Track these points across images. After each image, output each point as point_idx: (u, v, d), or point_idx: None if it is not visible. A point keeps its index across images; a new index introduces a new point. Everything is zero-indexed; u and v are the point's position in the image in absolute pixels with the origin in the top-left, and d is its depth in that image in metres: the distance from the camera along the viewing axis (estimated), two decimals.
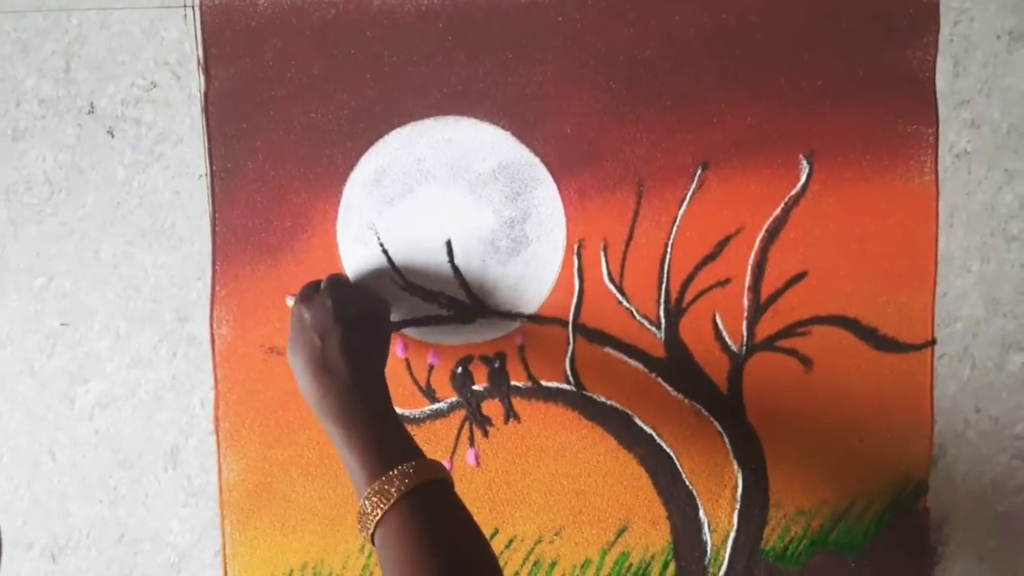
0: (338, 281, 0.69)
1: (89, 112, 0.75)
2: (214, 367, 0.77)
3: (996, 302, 0.77)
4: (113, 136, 0.75)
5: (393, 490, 0.56)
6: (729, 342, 0.77)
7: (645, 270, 0.76)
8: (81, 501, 0.78)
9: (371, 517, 0.56)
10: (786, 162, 0.75)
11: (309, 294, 0.67)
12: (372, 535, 0.57)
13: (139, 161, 0.75)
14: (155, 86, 0.74)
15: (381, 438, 0.61)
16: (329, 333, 0.64)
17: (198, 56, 0.74)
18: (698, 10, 0.74)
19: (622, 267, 0.76)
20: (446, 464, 0.76)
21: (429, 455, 0.61)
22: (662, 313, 0.77)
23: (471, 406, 0.78)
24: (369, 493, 0.57)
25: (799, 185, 0.75)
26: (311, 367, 0.63)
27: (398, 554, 0.54)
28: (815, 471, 0.78)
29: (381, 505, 0.56)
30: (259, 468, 0.78)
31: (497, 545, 0.79)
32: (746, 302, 0.76)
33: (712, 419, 0.78)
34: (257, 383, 0.77)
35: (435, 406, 0.78)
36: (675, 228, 0.76)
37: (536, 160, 0.75)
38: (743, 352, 0.77)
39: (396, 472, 0.57)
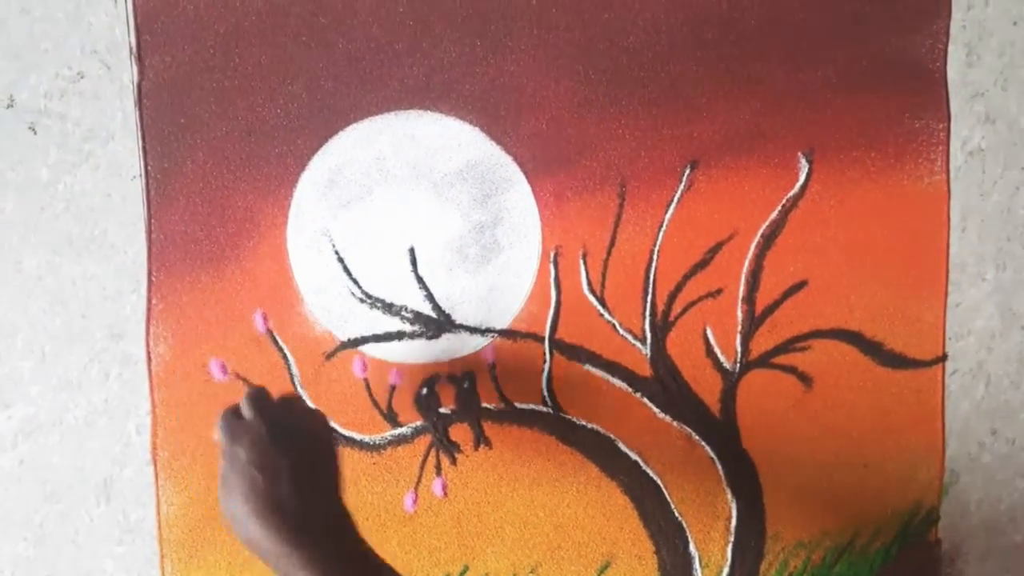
0: (263, 399, 0.62)
1: (8, 106, 0.70)
2: (151, 389, 0.73)
3: (1013, 313, 0.76)
4: (35, 133, 0.71)
5: None
6: (721, 359, 0.74)
7: (629, 280, 0.73)
8: (3, 539, 0.74)
9: None
10: (783, 161, 0.73)
11: (234, 425, 0.60)
12: None
13: (65, 161, 0.71)
14: (82, 77, 0.70)
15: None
16: (273, 467, 0.57)
17: (130, 43, 0.70)
18: None
19: (603, 276, 0.73)
20: (410, 496, 0.71)
21: (391, 485, 0.60)
22: (648, 327, 0.74)
23: (438, 431, 0.75)
24: None
25: (797, 186, 0.73)
26: (258, 510, 0.55)
27: None
28: (816, 500, 0.76)
29: None
30: (202, 501, 0.74)
31: None
32: (740, 315, 0.74)
33: (703, 443, 0.76)
34: (199, 407, 0.73)
35: (398, 431, 0.75)
36: (661, 233, 0.73)
37: (508, 159, 0.72)
38: (737, 369, 0.75)
39: None
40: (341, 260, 0.72)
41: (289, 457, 0.58)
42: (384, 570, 0.56)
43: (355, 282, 0.73)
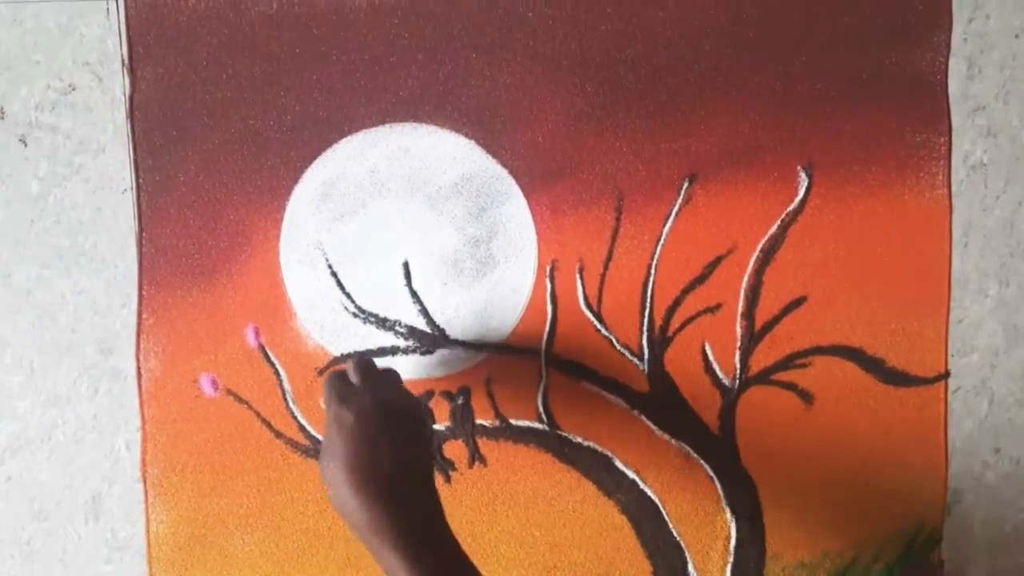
0: (372, 370, 0.63)
1: None
2: (141, 405, 0.72)
3: (1016, 330, 0.74)
4: (26, 145, 0.70)
5: None
6: (720, 375, 0.73)
7: (626, 295, 0.72)
8: None
9: None
10: (782, 175, 0.72)
11: (343, 389, 0.61)
12: None
13: (56, 173, 0.70)
14: (74, 89, 0.69)
15: (451, 570, 0.56)
16: (379, 439, 0.57)
17: (122, 55, 0.69)
18: (684, 5, 0.70)
19: (600, 291, 0.72)
20: None
21: None
22: (645, 343, 0.73)
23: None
24: None
25: (797, 200, 0.72)
26: (356, 480, 0.56)
27: None
28: (817, 519, 0.75)
29: None
30: (192, 519, 0.73)
31: None
32: (739, 330, 0.73)
33: (702, 461, 0.74)
34: (189, 423, 0.72)
35: None
36: (659, 248, 0.72)
37: (503, 172, 0.71)
38: (736, 386, 0.74)
39: None
40: (334, 274, 0.71)
41: (391, 431, 0.58)
42: (467, 569, 0.56)
43: (348, 296, 0.72)
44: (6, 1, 0.68)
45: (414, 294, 0.72)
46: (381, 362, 0.71)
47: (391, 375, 0.66)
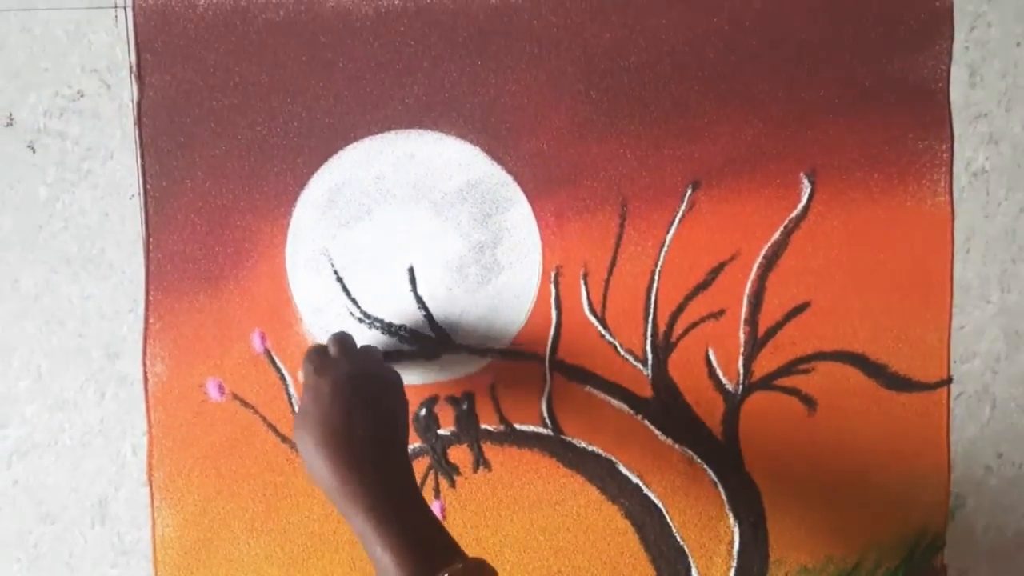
0: (350, 343, 0.66)
1: (7, 125, 0.70)
2: (147, 410, 0.72)
3: (1018, 336, 0.74)
4: (35, 151, 0.70)
5: None
6: (724, 380, 0.73)
7: (630, 300, 0.72)
8: None
9: None
10: (786, 181, 0.72)
11: (320, 361, 0.63)
12: None
13: (64, 179, 0.70)
14: (82, 96, 0.70)
15: (421, 533, 0.56)
16: (353, 407, 0.59)
17: (130, 62, 0.69)
18: (688, 13, 0.70)
19: (604, 297, 0.72)
20: None
21: None
22: (649, 348, 0.73)
23: (436, 453, 0.74)
24: None
25: (800, 206, 0.72)
26: (330, 445, 0.58)
27: None
28: (820, 524, 0.75)
29: None
30: (198, 523, 0.73)
31: None
32: (742, 336, 0.73)
33: (705, 466, 0.74)
34: (196, 427, 0.72)
35: None
36: (663, 254, 0.72)
37: (508, 178, 0.71)
38: (739, 392, 0.74)
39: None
40: (340, 280, 0.72)
41: (366, 399, 0.60)
42: (439, 534, 0.57)
43: (354, 302, 0.72)
44: (15, 9, 0.68)
45: (419, 299, 0.72)
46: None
47: (370, 350, 0.67)
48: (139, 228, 0.71)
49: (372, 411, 0.60)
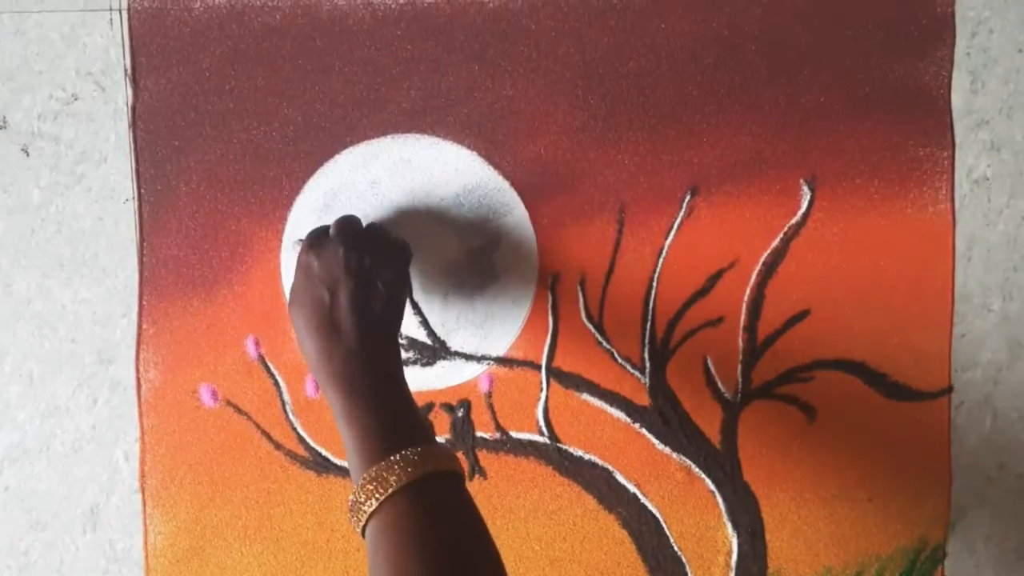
0: (350, 225, 0.65)
1: (1, 128, 0.69)
2: (140, 416, 0.72)
3: (1020, 345, 0.74)
4: (28, 155, 0.70)
5: (393, 479, 0.51)
6: (722, 389, 0.73)
7: (627, 307, 0.72)
8: None
9: (364, 508, 0.52)
10: (785, 188, 0.71)
11: (318, 240, 0.63)
12: (363, 528, 0.52)
13: (57, 183, 0.70)
14: (76, 99, 0.69)
15: (386, 414, 0.56)
16: (339, 286, 0.60)
17: (125, 65, 0.69)
18: (686, 18, 0.70)
19: (602, 304, 0.72)
20: None
21: None
22: (647, 355, 0.72)
23: None
24: (364, 480, 0.52)
25: (800, 213, 0.72)
26: (315, 324, 0.59)
27: (389, 553, 0.50)
28: (819, 535, 0.74)
29: (376, 495, 0.51)
30: (190, 531, 0.73)
31: None
32: (741, 344, 0.73)
33: (703, 476, 0.74)
34: (189, 434, 0.72)
35: None
36: (661, 261, 0.72)
37: (505, 184, 0.71)
38: (738, 400, 0.73)
39: (398, 458, 0.52)
40: None
41: (355, 282, 0.60)
42: (411, 420, 0.56)
43: None
44: (9, 11, 0.68)
45: (415, 305, 0.71)
46: None
47: (373, 227, 0.67)
48: (133, 232, 0.70)
49: (360, 292, 0.60)
